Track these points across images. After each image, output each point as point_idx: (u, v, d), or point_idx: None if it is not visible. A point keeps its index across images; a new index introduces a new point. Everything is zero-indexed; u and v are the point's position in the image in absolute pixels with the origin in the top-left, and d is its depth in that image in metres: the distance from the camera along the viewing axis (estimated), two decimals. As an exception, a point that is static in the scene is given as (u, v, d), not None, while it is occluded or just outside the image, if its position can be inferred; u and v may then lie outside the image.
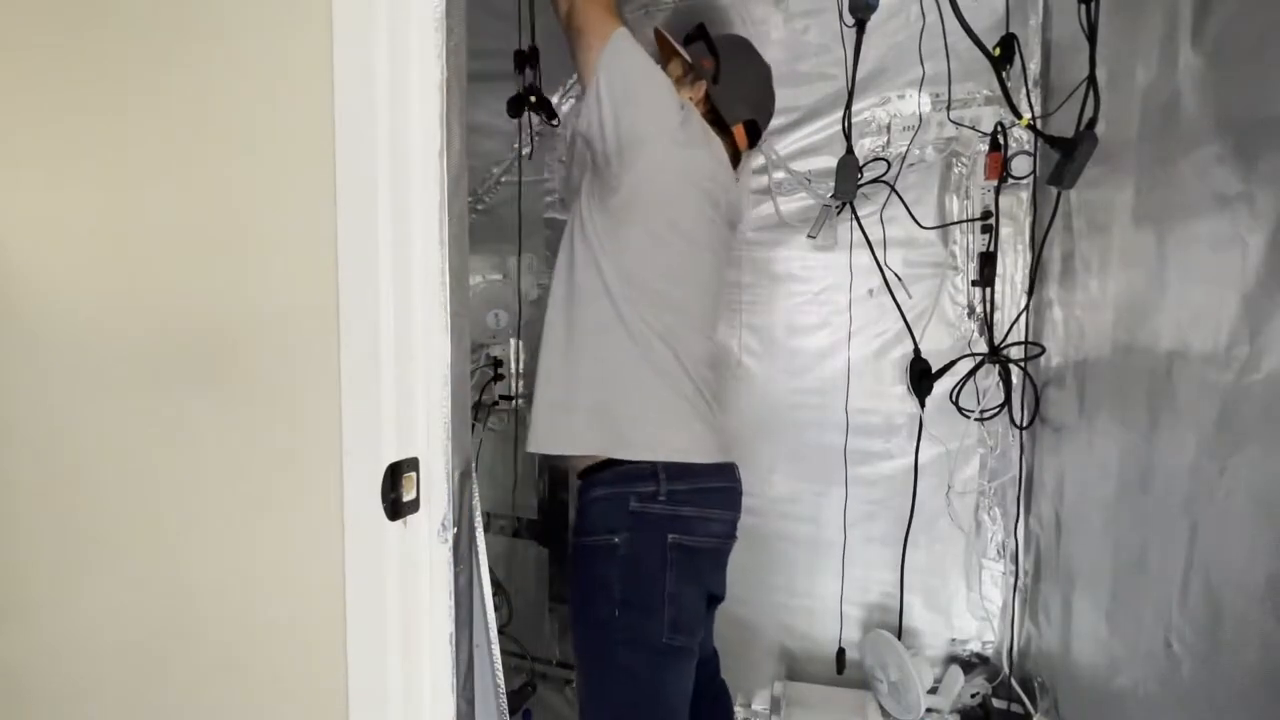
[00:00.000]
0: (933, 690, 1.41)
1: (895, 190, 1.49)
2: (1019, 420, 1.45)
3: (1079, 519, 1.25)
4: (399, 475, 0.65)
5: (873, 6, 1.14)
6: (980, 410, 1.46)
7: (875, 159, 1.52)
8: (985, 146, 1.43)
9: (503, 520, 1.93)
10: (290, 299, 0.69)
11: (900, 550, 1.52)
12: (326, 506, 0.66)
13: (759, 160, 1.62)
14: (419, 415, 0.67)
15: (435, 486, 0.68)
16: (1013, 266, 1.47)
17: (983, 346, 1.47)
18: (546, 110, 1.61)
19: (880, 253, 1.50)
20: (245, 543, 0.74)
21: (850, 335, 1.58)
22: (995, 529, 1.51)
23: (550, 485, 1.87)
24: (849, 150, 1.33)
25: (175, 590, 0.78)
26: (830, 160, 1.46)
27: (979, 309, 1.49)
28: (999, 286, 1.47)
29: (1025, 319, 1.45)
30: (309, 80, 0.64)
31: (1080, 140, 1.01)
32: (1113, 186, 1.11)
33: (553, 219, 1.87)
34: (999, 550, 1.51)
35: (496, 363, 1.88)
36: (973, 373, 1.46)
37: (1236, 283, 0.78)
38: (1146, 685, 0.95)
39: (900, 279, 1.51)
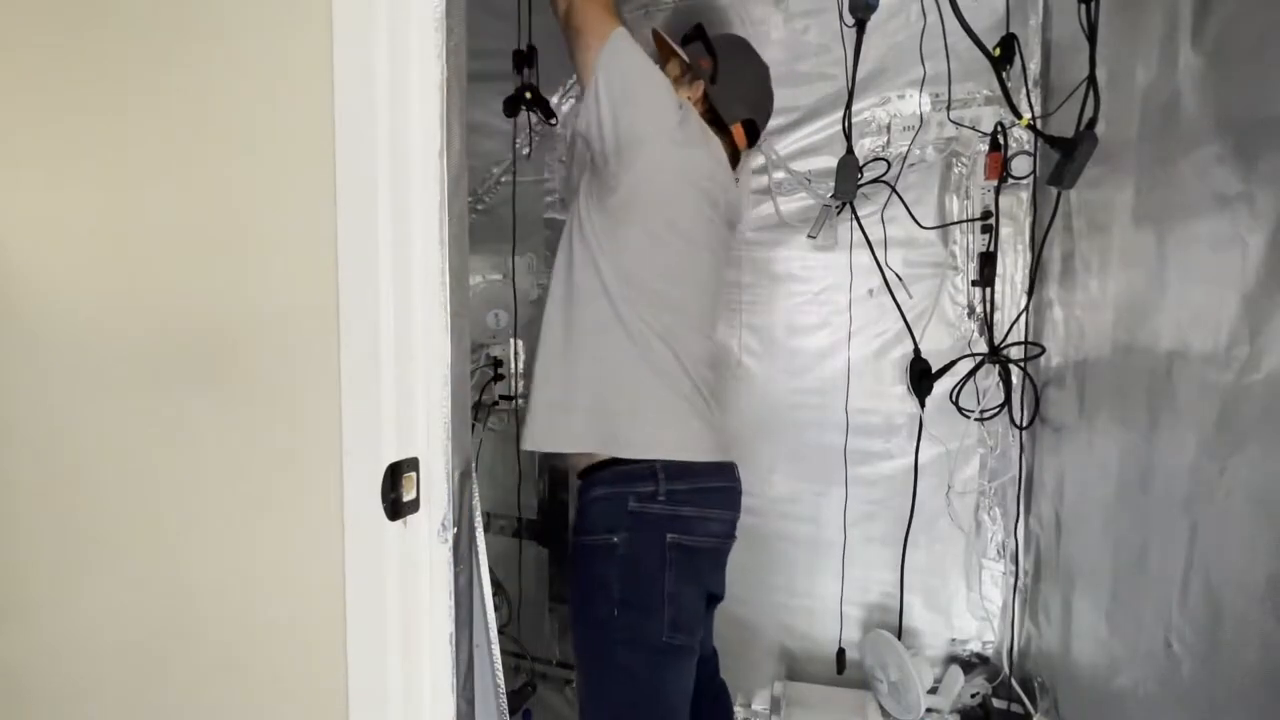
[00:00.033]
0: (933, 690, 1.41)
1: (895, 190, 1.49)
2: (1019, 420, 1.45)
3: (1079, 519, 1.25)
4: (399, 475, 0.65)
5: (873, 6, 1.14)
6: (980, 410, 1.46)
7: (875, 159, 1.52)
8: (985, 146, 1.43)
9: (503, 520, 1.93)
10: (290, 299, 0.69)
11: (900, 550, 1.52)
12: (326, 506, 0.66)
13: (759, 160, 1.62)
14: (419, 415, 0.67)
15: (435, 486, 0.68)
16: (1013, 266, 1.47)
17: (983, 346, 1.47)
18: (543, 109, 1.61)
19: (880, 253, 1.50)
20: (245, 543, 0.74)
21: (850, 335, 1.58)
22: (995, 529, 1.51)
23: (550, 485, 1.87)
24: (849, 150, 1.33)
25: (175, 590, 0.79)
26: (830, 160, 1.46)
27: (979, 309, 1.49)
28: (999, 286, 1.47)
29: (1025, 319, 1.45)
30: (309, 80, 0.65)
31: (1080, 140, 1.01)
32: (1113, 186, 1.11)
33: (552, 219, 1.87)
34: (999, 550, 1.51)
35: (496, 363, 1.88)
36: (973, 373, 1.46)
37: (1236, 283, 0.78)
38: (1146, 685, 0.95)
39: (900, 279, 1.51)
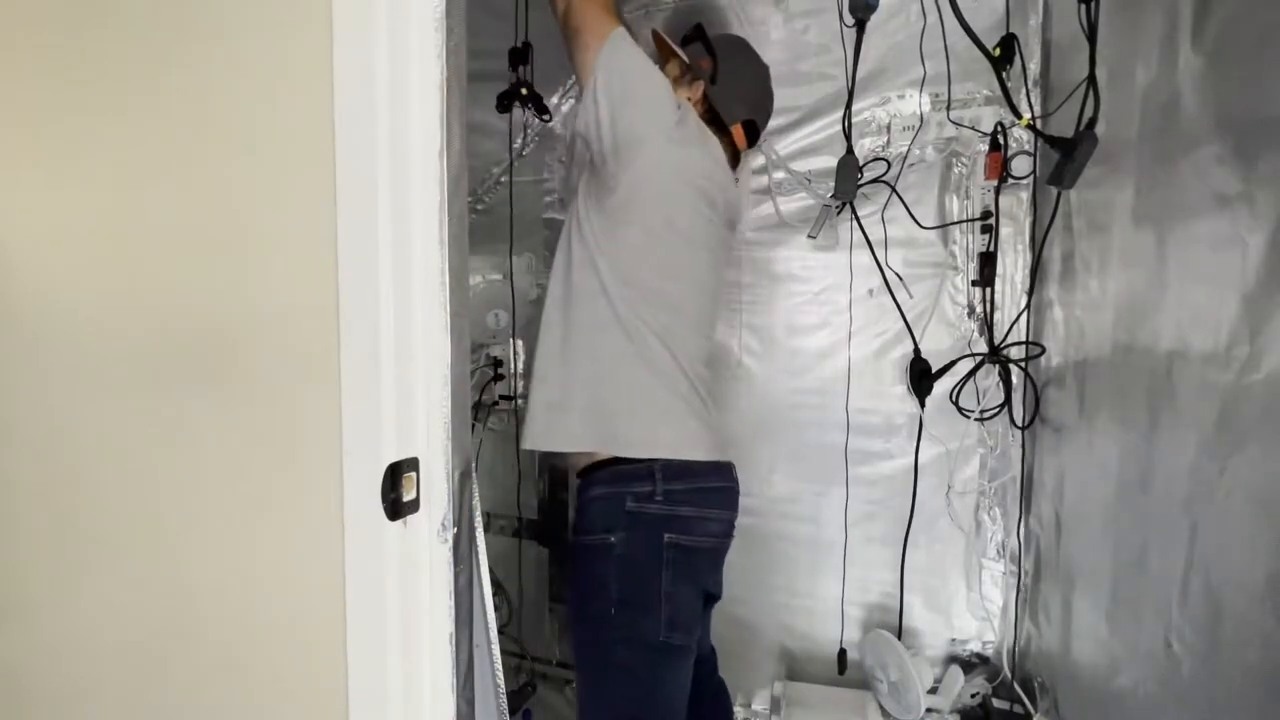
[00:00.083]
0: (933, 690, 1.41)
1: (895, 190, 1.49)
2: (1019, 420, 1.45)
3: (1079, 519, 1.25)
4: (399, 475, 0.65)
5: (873, 6, 1.14)
6: (980, 410, 1.46)
7: (875, 159, 1.52)
8: (985, 146, 1.43)
9: (503, 520, 1.93)
10: (290, 299, 0.69)
11: (900, 550, 1.52)
12: (326, 506, 0.66)
13: (759, 160, 1.62)
14: (419, 415, 0.67)
15: (435, 486, 0.68)
16: (1013, 266, 1.47)
17: (983, 346, 1.47)
18: (537, 105, 1.59)
19: (880, 253, 1.50)
20: (245, 543, 0.74)
21: (850, 335, 1.58)
22: (995, 529, 1.51)
23: (550, 485, 1.87)
24: (849, 150, 1.33)
25: (175, 590, 0.79)
26: (830, 160, 1.46)
27: (979, 309, 1.49)
28: (999, 286, 1.47)
29: (1025, 319, 1.45)
30: (309, 80, 0.65)
31: (1080, 140, 1.01)
32: (1113, 186, 1.11)
33: (552, 219, 1.87)
34: (999, 550, 1.51)
35: (496, 363, 1.88)
36: (973, 373, 1.46)
37: (1236, 283, 0.78)
38: (1146, 685, 0.95)
39: (900, 279, 1.51)
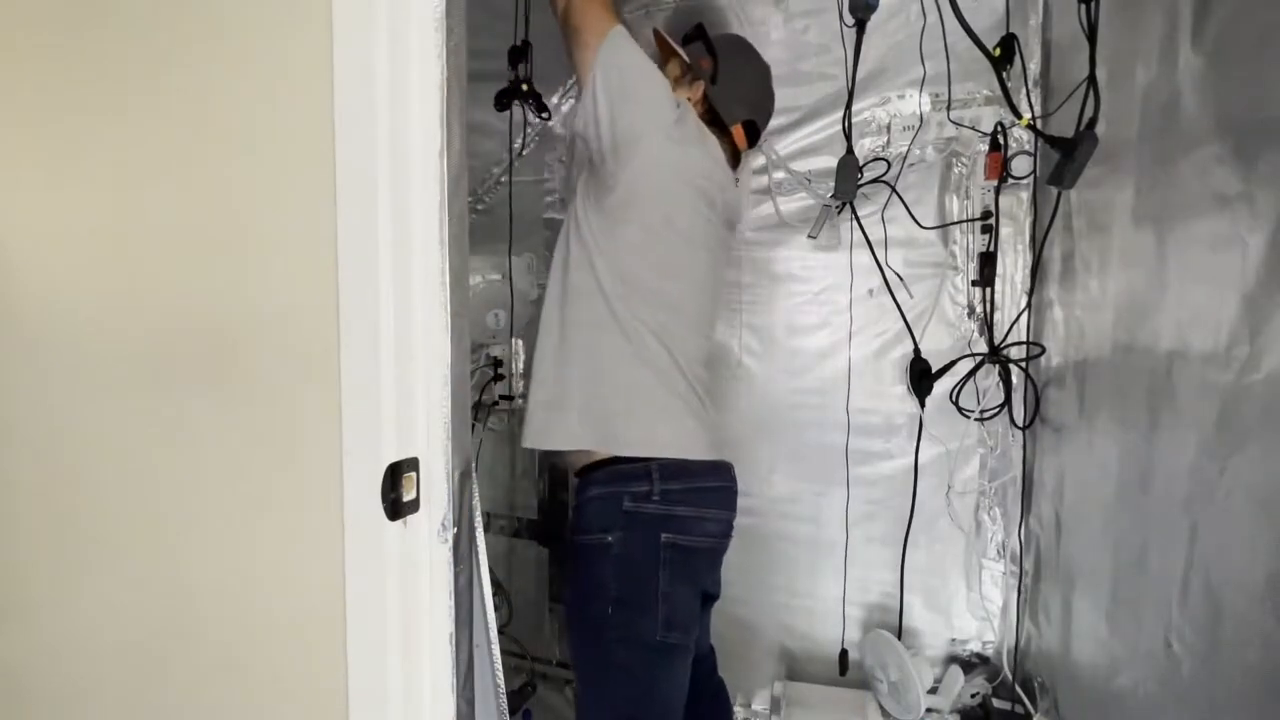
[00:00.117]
0: (933, 690, 1.41)
1: (895, 190, 1.49)
2: (1019, 420, 1.45)
3: (1079, 519, 1.25)
4: (399, 475, 0.65)
5: (873, 6, 1.14)
6: (980, 410, 1.46)
7: (875, 159, 1.51)
8: (985, 146, 1.43)
9: (503, 520, 1.93)
10: (290, 299, 0.69)
11: (900, 550, 1.52)
12: (326, 506, 0.66)
13: (759, 160, 1.62)
14: (419, 415, 0.67)
15: (435, 486, 0.68)
16: (1013, 266, 1.47)
17: (983, 346, 1.47)
18: (536, 103, 1.59)
19: (880, 253, 1.50)
20: (245, 543, 0.74)
21: (850, 335, 1.58)
22: (995, 529, 1.51)
23: (550, 485, 1.87)
24: (849, 150, 1.33)
25: (175, 590, 0.78)
26: (830, 160, 1.46)
27: (979, 309, 1.49)
28: (999, 286, 1.47)
29: (1025, 319, 1.45)
30: (309, 80, 0.64)
31: (1080, 140, 1.01)
32: (1113, 186, 1.11)
33: (552, 219, 1.86)
34: (999, 550, 1.51)
35: (496, 363, 1.88)
36: (973, 373, 1.46)
37: (1236, 283, 0.77)
38: (1146, 685, 0.95)
39: (900, 279, 1.51)
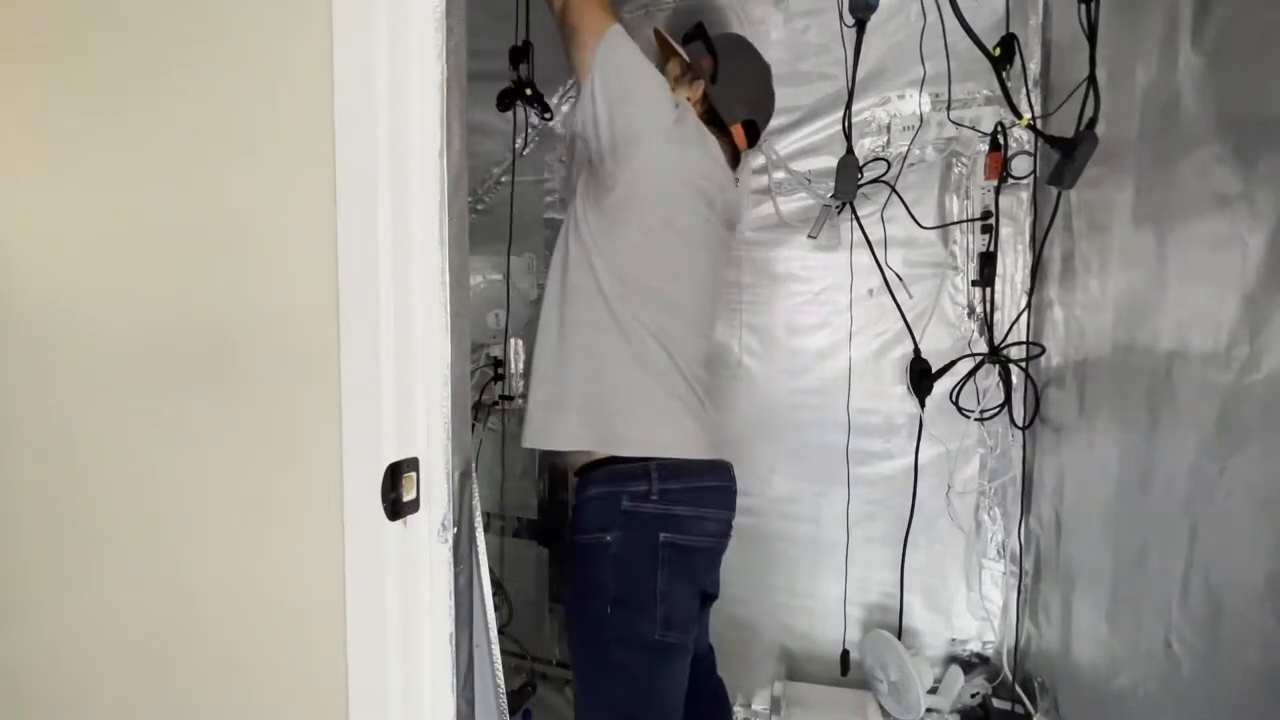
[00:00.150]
0: (933, 690, 1.41)
1: (895, 190, 1.49)
2: (1019, 420, 1.45)
3: (1079, 519, 1.25)
4: (399, 475, 0.65)
5: (873, 6, 1.14)
6: (980, 410, 1.46)
7: (875, 159, 1.51)
8: (985, 146, 1.43)
9: (502, 520, 1.93)
10: (290, 299, 0.69)
11: (900, 550, 1.52)
12: (326, 506, 0.66)
13: (759, 160, 1.62)
14: (419, 415, 0.67)
15: (435, 486, 0.68)
16: (1013, 266, 1.47)
17: (983, 346, 1.47)
18: (539, 103, 1.59)
19: (880, 253, 1.50)
20: (245, 542, 0.74)
21: (850, 335, 1.58)
22: (995, 529, 1.51)
23: (550, 485, 1.87)
24: (849, 150, 1.33)
25: (175, 590, 0.78)
26: (830, 160, 1.46)
27: (979, 309, 1.49)
28: (999, 286, 1.47)
29: (1025, 319, 1.45)
30: (309, 80, 0.64)
31: (1080, 140, 1.01)
32: (1113, 186, 1.11)
33: (552, 219, 1.86)
34: (999, 550, 1.51)
35: (496, 363, 1.88)
36: (973, 373, 1.46)
37: (1236, 283, 0.77)
38: (1146, 685, 0.95)
39: (900, 279, 1.51)
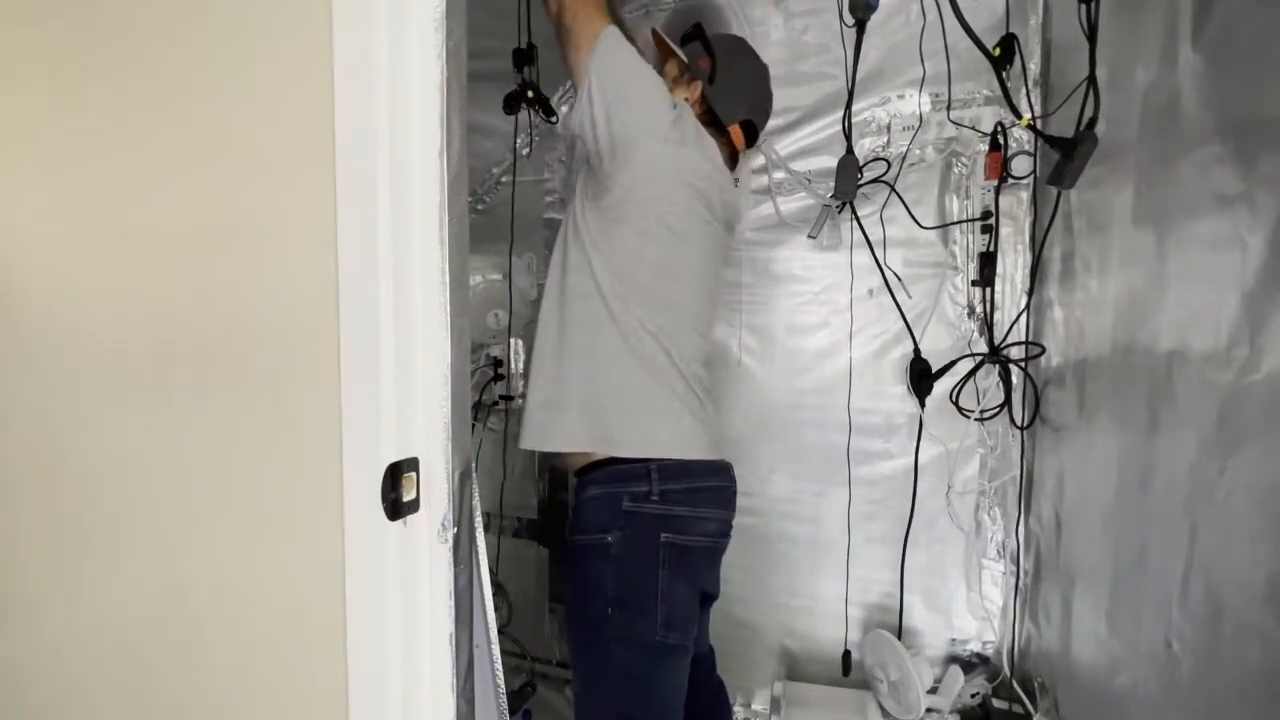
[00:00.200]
0: (933, 690, 1.41)
1: (895, 190, 1.49)
2: (1019, 420, 1.45)
3: (1079, 519, 1.25)
4: (399, 475, 0.65)
5: (873, 6, 1.14)
6: (980, 410, 1.46)
7: (875, 159, 1.51)
8: (985, 146, 1.43)
9: (502, 520, 1.93)
10: (290, 299, 0.69)
11: (900, 550, 1.52)
12: (326, 506, 0.66)
13: (759, 160, 1.62)
14: (419, 415, 0.67)
15: (435, 486, 0.68)
16: (1013, 266, 1.47)
17: (983, 346, 1.47)
18: (544, 107, 1.60)
19: (880, 253, 1.50)
20: (245, 543, 0.74)
21: (850, 335, 1.58)
22: (995, 529, 1.51)
23: (550, 485, 1.87)
24: (849, 150, 1.33)
25: (175, 590, 0.78)
26: (830, 160, 1.46)
27: (979, 309, 1.49)
28: (999, 286, 1.47)
29: (1025, 319, 1.45)
30: (309, 80, 0.65)
31: (1080, 140, 1.01)
32: (1113, 186, 1.11)
33: (552, 219, 1.86)
34: (999, 550, 1.51)
35: (496, 363, 1.88)
36: (973, 373, 1.46)
37: (1236, 283, 0.77)
38: (1146, 685, 0.95)
39: (900, 279, 1.51)
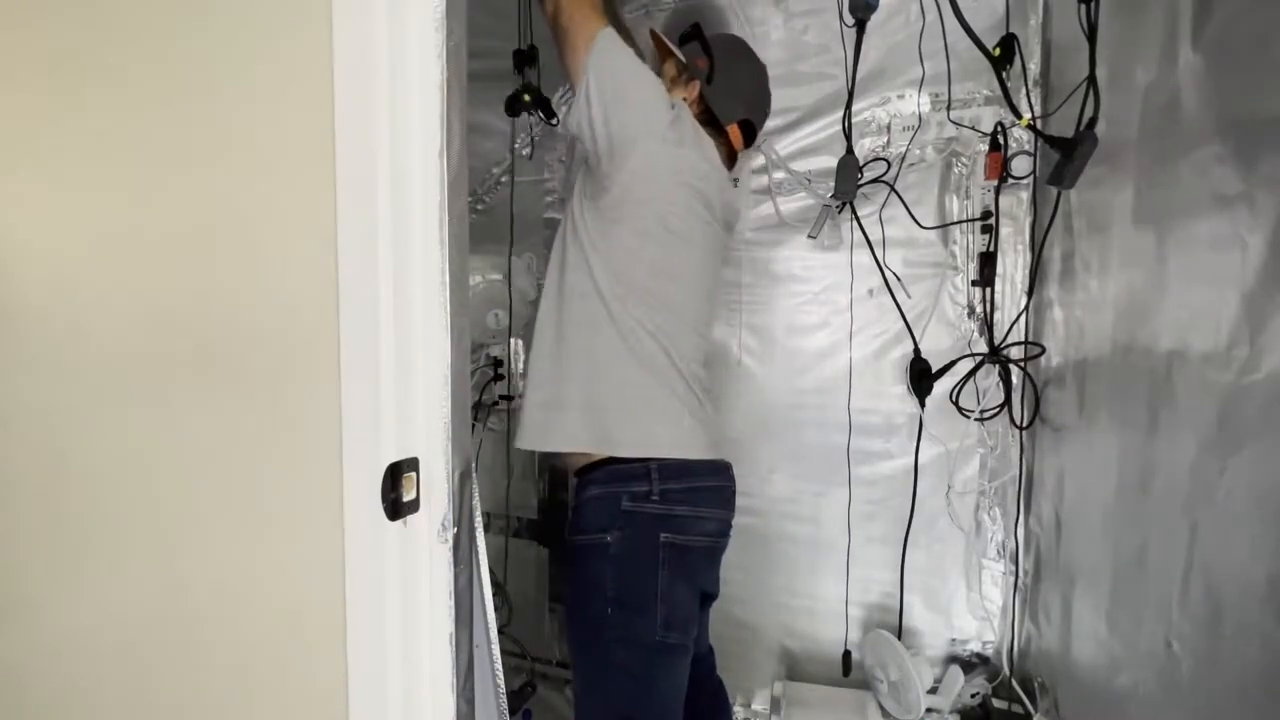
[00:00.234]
0: (933, 690, 1.41)
1: (895, 190, 1.49)
2: (1019, 420, 1.45)
3: (1079, 519, 1.25)
4: (399, 475, 0.65)
5: (873, 6, 1.14)
6: (980, 410, 1.46)
7: (875, 159, 1.51)
8: (985, 146, 1.43)
9: (502, 520, 1.93)
10: (290, 299, 0.69)
11: (900, 550, 1.52)
12: (326, 506, 0.66)
13: (759, 160, 1.62)
14: (419, 415, 0.67)
15: (435, 486, 0.68)
16: (1013, 266, 1.47)
17: (983, 346, 1.47)
18: (545, 109, 1.61)
19: (880, 253, 1.50)
20: (245, 542, 0.74)
21: (850, 335, 1.58)
22: (995, 529, 1.51)
23: (550, 485, 1.87)
24: (849, 150, 1.33)
25: (175, 590, 0.79)
26: (830, 160, 1.46)
27: (979, 309, 1.49)
28: (999, 286, 1.47)
29: (1025, 319, 1.45)
30: (309, 80, 0.65)
31: (1080, 140, 1.01)
32: (1113, 186, 1.11)
33: (552, 219, 1.86)
34: (999, 550, 1.51)
35: (496, 363, 1.88)
36: (973, 373, 1.46)
37: (1236, 283, 0.78)
38: (1146, 685, 0.95)
39: (900, 279, 1.51)
